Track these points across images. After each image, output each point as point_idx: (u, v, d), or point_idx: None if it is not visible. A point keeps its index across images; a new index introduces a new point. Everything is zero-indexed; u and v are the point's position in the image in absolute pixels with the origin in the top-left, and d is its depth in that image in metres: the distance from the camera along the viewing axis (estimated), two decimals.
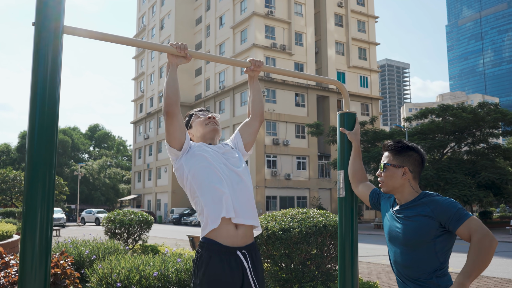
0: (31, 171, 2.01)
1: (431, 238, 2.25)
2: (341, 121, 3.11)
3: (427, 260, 2.27)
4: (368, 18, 52.82)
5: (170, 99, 2.42)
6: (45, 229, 2.02)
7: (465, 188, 28.31)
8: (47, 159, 2.03)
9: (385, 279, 9.45)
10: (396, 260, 2.39)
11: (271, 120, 43.71)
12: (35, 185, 2.00)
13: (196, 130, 2.60)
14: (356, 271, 3.07)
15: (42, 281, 1.99)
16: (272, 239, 5.89)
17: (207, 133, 2.58)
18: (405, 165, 2.41)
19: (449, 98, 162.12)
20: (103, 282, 5.41)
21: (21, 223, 7.90)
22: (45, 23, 2.08)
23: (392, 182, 2.42)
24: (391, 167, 2.42)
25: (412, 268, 2.30)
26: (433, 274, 2.26)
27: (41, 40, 2.08)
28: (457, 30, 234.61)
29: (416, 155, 2.44)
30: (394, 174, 2.41)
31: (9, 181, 46.42)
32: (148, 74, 63.03)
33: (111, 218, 12.39)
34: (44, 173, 2.02)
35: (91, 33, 2.26)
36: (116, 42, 2.35)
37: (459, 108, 32.38)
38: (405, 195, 2.41)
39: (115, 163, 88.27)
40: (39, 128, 2.04)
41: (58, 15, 2.11)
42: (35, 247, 1.98)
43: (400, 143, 2.46)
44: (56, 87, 2.10)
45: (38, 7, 2.09)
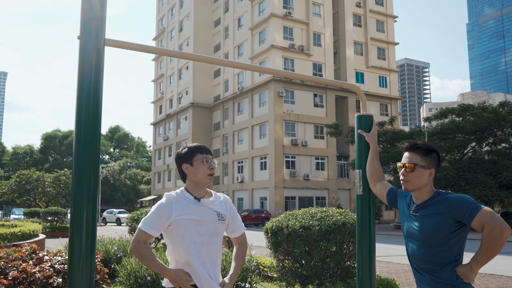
0: (78, 173, 2.19)
1: (446, 234, 2.43)
2: (359, 123, 3.27)
3: (443, 254, 2.44)
4: (387, 17, 52.55)
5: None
6: (91, 227, 2.19)
7: (486, 188, 28.04)
8: (91, 162, 2.22)
9: (404, 278, 9.54)
10: (414, 255, 2.56)
11: (290, 121, 43.82)
12: (81, 186, 2.18)
13: (195, 173, 2.64)
14: (374, 266, 3.22)
15: (88, 276, 2.17)
16: (292, 236, 6.08)
17: (204, 182, 2.66)
18: (432, 167, 2.57)
19: (470, 98, 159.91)
20: (132, 277, 5.67)
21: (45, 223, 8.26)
22: (89, 37, 2.29)
23: (418, 182, 2.55)
24: (421, 168, 2.55)
25: (428, 261, 2.48)
26: (449, 265, 2.43)
27: (85, 53, 2.29)
28: (478, 28, 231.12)
29: (437, 157, 2.60)
30: (422, 175, 2.54)
31: (32, 182, 47.40)
32: (168, 76, 63.69)
33: (135, 217, 12.68)
34: (89, 175, 2.20)
35: (131, 45, 2.46)
36: (156, 53, 2.56)
37: (480, 108, 32.03)
38: (424, 194, 2.56)
39: (135, 164, 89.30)
40: (85, 133, 2.23)
41: (100, 30, 2.32)
42: (82, 244, 2.16)
43: (427, 145, 2.60)
44: (99, 95, 2.30)
45: (82, 23, 2.31)
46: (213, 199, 2.68)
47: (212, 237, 2.59)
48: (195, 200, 2.61)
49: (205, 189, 2.68)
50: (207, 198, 2.66)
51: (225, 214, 2.69)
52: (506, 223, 2.32)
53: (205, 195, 2.67)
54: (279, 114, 43.10)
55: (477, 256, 2.34)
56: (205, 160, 2.64)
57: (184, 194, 2.62)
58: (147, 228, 2.49)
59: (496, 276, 10.06)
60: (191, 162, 2.64)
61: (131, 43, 2.45)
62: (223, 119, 52.58)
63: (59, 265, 5.40)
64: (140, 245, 2.47)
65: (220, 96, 53.95)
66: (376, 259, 13.38)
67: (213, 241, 2.59)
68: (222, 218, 2.65)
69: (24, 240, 14.16)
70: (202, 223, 2.56)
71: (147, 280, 5.56)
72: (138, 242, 2.48)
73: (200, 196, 2.63)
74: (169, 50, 2.62)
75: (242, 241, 2.85)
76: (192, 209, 2.57)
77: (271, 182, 42.34)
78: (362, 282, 3.20)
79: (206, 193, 2.68)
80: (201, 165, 2.62)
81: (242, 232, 2.85)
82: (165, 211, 2.53)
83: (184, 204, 2.57)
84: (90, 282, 2.19)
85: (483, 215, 2.33)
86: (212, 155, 2.70)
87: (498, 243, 2.29)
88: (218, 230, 2.63)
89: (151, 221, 2.52)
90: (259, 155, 44.58)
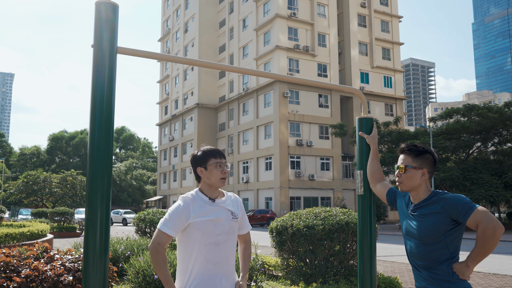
0: (92, 175, 2.30)
1: (443, 233, 2.54)
2: (360, 125, 3.39)
3: (440, 251, 2.55)
4: (392, 18, 52.53)
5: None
6: (105, 226, 2.31)
7: (492, 188, 28.01)
8: (105, 165, 2.33)
9: (408, 277, 9.64)
10: (412, 252, 2.68)
11: (295, 121, 43.91)
12: (95, 188, 2.30)
13: (209, 177, 2.74)
14: (374, 265, 3.33)
15: (102, 273, 2.27)
16: (297, 235, 6.21)
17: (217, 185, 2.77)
18: (424, 167, 2.67)
19: (476, 97, 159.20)
20: (140, 275, 5.81)
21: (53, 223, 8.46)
22: (102, 46, 2.41)
23: (411, 182, 2.67)
24: (412, 169, 2.67)
25: (426, 258, 2.59)
26: (445, 262, 2.54)
27: (98, 60, 2.42)
28: (484, 28, 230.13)
29: (431, 157, 2.70)
30: (414, 176, 2.66)
31: (40, 182, 47.69)
32: (173, 76, 63.93)
33: (141, 217, 12.83)
34: (103, 176, 2.32)
35: (142, 53, 2.59)
36: (167, 60, 2.71)
37: (485, 108, 31.99)
38: (420, 193, 2.67)
39: (141, 164, 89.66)
40: (98, 137, 2.34)
41: (113, 39, 2.45)
42: (96, 243, 2.27)
43: (418, 147, 2.71)
44: (112, 101, 2.42)
45: (96, 32, 2.43)
46: (226, 199, 2.79)
47: (227, 236, 2.69)
48: (210, 200, 2.71)
49: (218, 190, 2.79)
50: (220, 198, 2.76)
51: (237, 213, 2.80)
52: (499, 222, 2.41)
53: (218, 195, 2.77)
54: (284, 115, 43.20)
55: (473, 254, 2.44)
56: (218, 165, 2.73)
57: (199, 195, 2.72)
58: (168, 230, 2.58)
59: (500, 275, 10.13)
60: (205, 166, 2.74)
61: (143, 51, 2.58)
62: (228, 119, 52.74)
63: (69, 264, 5.54)
64: (160, 247, 2.55)
65: (225, 96, 54.11)
66: (381, 258, 13.48)
67: (228, 239, 2.69)
68: (235, 216, 2.76)
69: (32, 240, 14.35)
70: (218, 223, 2.66)
71: (155, 279, 5.70)
72: (158, 244, 2.56)
73: (214, 197, 2.74)
74: (181, 58, 2.75)
75: (248, 239, 2.97)
76: (208, 210, 2.67)
77: (276, 183, 42.43)
78: (363, 280, 3.32)
79: (219, 194, 2.78)
80: (214, 169, 2.72)
81: (248, 230, 2.96)
82: (183, 212, 2.62)
83: (200, 205, 2.67)
84: (104, 279, 2.29)
85: (477, 214, 2.42)
86: (226, 158, 2.80)
87: (492, 242, 2.39)
88: (232, 229, 2.73)
89: (171, 223, 2.60)
90: (264, 156, 44.69)
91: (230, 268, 2.72)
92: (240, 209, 2.86)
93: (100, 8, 2.43)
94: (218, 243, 2.65)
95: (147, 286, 5.77)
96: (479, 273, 10.40)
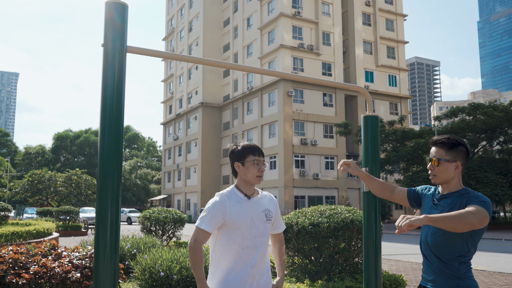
0: (102, 174, 2.33)
1: None
2: (365, 123, 3.41)
3: (455, 245, 2.51)
4: (397, 16, 52.42)
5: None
6: (115, 225, 2.34)
7: (497, 187, 27.94)
8: (115, 163, 2.36)
9: (413, 276, 9.66)
10: (427, 239, 2.63)
11: (299, 120, 43.92)
12: (105, 186, 2.32)
13: (245, 173, 2.75)
14: (379, 262, 3.37)
15: (113, 271, 2.30)
16: (302, 233, 6.24)
17: (253, 182, 2.78)
18: (457, 160, 2.63)
19: (481, 96, 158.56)
20: (146, 272, 5.87)
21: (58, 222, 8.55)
22: (112, 45, 2.45)
23: (445, 175, 2.63)
24: (445, 162, 2.62)
25: (439, 248, 2.55)
26: (457, 259, 2.51)
27: (108, 59, 2.45)
28: (489, 26, 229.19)
29: (464, 149, 2.66)
30: (448, 168, 2.62)
31: (45, 181, 47.93)
32: (177, 76, 64.03)
33: (147, 216, 12.91)
34: (113, 175, 2.35)
35: (151, 52, 2.63)
36: (176, 59, 2.75)
37: (490, 107, 31.90)
38: (451, 186, 2.64)
39: (146, 163, 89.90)
40: (108, 136, 2.37)
41: (122, 38, 2.49)
42: (107, 241, 2.30)
43: (451, 139, 2.67)
44: (121, 100, 2.45)
45: (105, 31, 2.47)
46: (261, 197, 2.80)
47: (262, 238, 2.70)
48: (246, 197, 2.72)
49: (253, 188, 2.79)
50: (256, 196, 2.77)
51: (273, 212, 2.80)
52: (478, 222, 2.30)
53: (254, 193, 2.78)
54: (289, 114, 43.22)
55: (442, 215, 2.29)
56: (256, 162, 2.73)
57: (235, 192, 2.74)
58: (206, 226, 2.59)
59: (505, 274, 10.14)
60: (243, 162, 2.74)
61: (152, 50, 2.61)
62: (232, 118, 52.80)
63: (77, 261, 5.60)
64: (198, 245, 2.57)
65: (230, 95, 54.18)
66: (385, 257, 13.49)
67: (263, 241, 2.71)
68: (269, 218, 2.76)
69: (38, 238, 14.46)
70: (253, 226, 2.67)
71: (161, 276, 5.75)
72: (195, 241, 2.58)
73: (249, 194, 2.75)
74: (189, 57, 2.78)
75: (281, 239, 2.98)
76: (244, 207, 2.68)
77: (280, 182, 42.48)
78: (369, 277, 3.35)
79: (255, 191, 2.79)
80: (251, 166, 2.72)
81: (283, 229, 2.97)
82: (220, 208, 2.63)
83: (236, 201, 2.69)
84: (114, 277, 2.31)
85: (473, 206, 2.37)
86: (264, 156, 2.80)
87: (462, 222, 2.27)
88: (267, 230, 2.75)
89: (208, 219, 2.61)
90: (269, 155, 44.73)
91: (265, 267, 2.74)
92: (275, 207, 2.86)
93: (110, 8, 2.46)
94: (256, 246, 2.67)
95: (153, 283, 5.82)
96: (484, 272, 10.41)
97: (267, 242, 2.75)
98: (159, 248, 7.16)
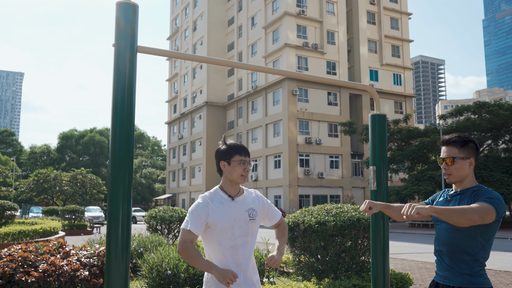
0: (114, 173, 2.37)
1: None
2: (373, 122, 3.43)
3: (467, 240, 2.52)
4: (401, 15, 52.28)
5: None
6: (126, 223, 2.37)
7: (503, 186, 27.82)
8: (126, 162, 2.39)
9: (418, 274, 9.66)
10: (439, 236, 2.65)
11: (304, 119, 43.90)
12: (117, 185, 2.36)
13: (231, 172, 2.77)
14: (387, 260, 3.38)
15: (124, 269, 2.34)
16: (308, 232, 6.26)
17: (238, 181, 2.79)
18: (471, 156, 2.66)
19: (487, 95, 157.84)
20: (154, 270, 5.90)
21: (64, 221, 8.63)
22: (123, 45, 2.48)
23: (460, 173, 2.65)
24: (460, 160, 2.64)
25: (452, 244, 2.57)
26: (469, 255, 2.52)
27: (119, 59, 2.48)
28: (495, 24, 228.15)
29: (475, 146, 2.69)
30: (463, 166, 2.64)
31: (50, 180, 48.13)
32: (182, 75, 64.12)
33: (153, 215, 12.95)
34: (124, 174, 2.38)
35: (161, 51, 2.66)
36: (185, 59, 2.78)
37: (496, 105, 31.77)
38: (465, 183, 2.66)
39: (150, 163, 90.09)
40: (120, 135, 2.40)
41: (133, 38, 2.52)
42: (118, 239, 2.33)
43: (462, 137, 2.69)
44: (132, 98, 2.48)
45: (116, 32, 2.50)
46: (246, 196, 2.82)
47: (246, 238, 2.72)
48: (229, 198, 2.74)
49: (238, 187, 2.81)
50: (240, 195, 2.79)
51: (257, 210, 2.81)
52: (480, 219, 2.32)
53: (239, 192, 2.80)
54: (293, 113, 43.20)
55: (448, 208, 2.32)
56: (242, 162, 2.75)
57: (219, 193, 2.76)
58: (191, 227, 2.61)
59: (511, 273, 10.12)
60: (229, 161, 2.76)
61: (162, 49, 2.65)
62: (237, 117, 52.84)
63: (85, 259, 5.64)
64: (187, 244, 2.58)
65: (234, 95, 54.20)
66: (391, 256, 13.49)
67: (247, 241, 2.73)
68: (253, 217, 2.77)
69: (45, 237, 14.55)
70: (236, 225, 2.69)
71: (168, 274, 5.78)
72: (184, 242, 2.59)
73: (233, 194, 2.77)
74: (198, 56, 2.81)
75: (281, 223, 2.99)
76: (227, 209, 2.70)
77: (285, 181, 42.48)
78: (377, 275, 3.36)
79: (239, 190, 2.81)
80: (237, 166, 2.75)
81: (280, 217, 2.98)
82: (203, 209, 2.65)
83: (219, 202, 2.71)
84: (125, 274, 2.35)
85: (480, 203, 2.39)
86: (249, 156, 2.81)
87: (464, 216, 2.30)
88: (251, 230, 2.76)
89: (192, 221, 2.63)
90: (273, 154, 44.73)
91: (251, 269, 2.76)
92: (262, 204, 2.87)
93: (121, 8, 2.50)
94: (239, 246, 2.69)
95: (160, 281, 5.85)
96: (490, 271, 10.39)
97: (251, 241, 2.76)
98: (166, 246, 7.19)
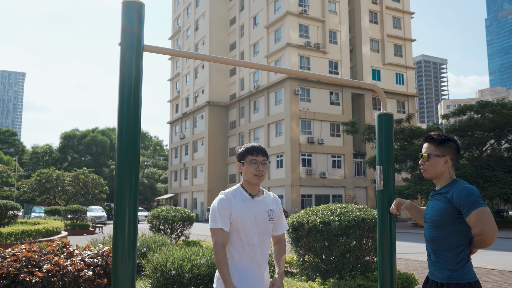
0: (120, 172, 2.34)
1: (451, 220, 2.60)
2: (379, 121, 3.40)
3: (447, 238, 2.62)
4: (404, 14, 52.20)
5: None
6: (133, 223, 2.35)
7: (506, 186, 27.78)
8: (132, 162, 2.36)
9: (423, 274, 9.63)
10: (425, 235, 2.77)
11: (306, 119, 43.86)
12: (123, 185, 2.34)
13: (245, 172, 2.84)
14: (394, 260, 3.35)
15: (131, 268, 2.31)
16: (313, 231, 6.24)
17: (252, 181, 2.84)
18: (446, 155, 2.74)
19: (489, 94, 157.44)
20: (158, 271, 5.88)
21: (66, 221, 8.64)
22: (129, 44, 2.46)
23: (434, 170, 2.75)
24: (434, 156, 2.75)
25: (434, 242, 2.67)
26: (452, 250, 2.60)
27: (126, 58, 2.46)
28: (497, 24, 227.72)
29: (454, 145, 2.77)
30: (437, 163, 2.74)
31: (52, 180, 48.22)
32: (184, 74, 64.12)
33: (156, 214, 12.93)
34: (131, 173, 2.35)
35: (167, 50, 2.64)
36: (191, 58, 2.75)
37: (499, 105, 31.71)
38: (442, 181, 2.75)
39: (152, 162, 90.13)
40: (126, 134, 2.37)
41: (139, 37, 2.49)
42: (125, 239, 2.31)
43: (440, 135, 2.78)
44: (139, 98, 2.45)
45: (122, 31, 2.48)
46: (265, 197, 2.88)
47: (265, 237, 2.80)
48: (250, 196, 2.80)
49: (258, 187, 2.87)
50: (260, 196, 2.85)
51: (275, 213, 2.87)
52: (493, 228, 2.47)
53: (259, 193, 2.85)
54: (295, 112, 43.16)
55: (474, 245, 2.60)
56: (253, 161, 2.81)
57: (240, 191, 2.83)
58: (220, 224, 2.67)
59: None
60: (243, 161, 2.85)
61: (168, 48, 2.63)
62: (239, 117, 52.82)
63: (89, 259, 5.63)
64: (218, 246, 2.65)
65: (236, 94, 54.19)
66: None
67: (265, 240, 2.81)
68: (272, 218, 2.84)
69: (47, 236, 14.55)
70: (256, 225, 2.75)
71: (172, 274, 5.76)
72: (215, 244, 2.67)
73: (254, 194, 2.82)
74: (204, 55, 2.78)
75: (282, 239, 3.03)
76: (248, 206, 2.76)
77: (287, 180, 42.45)
78: (384, 275, 3.33)
79: (259, 191, 2.87)
80: (249, 166, 2.81)
81: (285, 230, 3.02)
82: (227, 206, 2.72)
83: (241, 199, 2.78)
84: (132, 274, 2.32)
85: (472, 218, 2.50)
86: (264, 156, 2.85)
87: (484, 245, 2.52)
88: (268, 230, 2.83)
89: (220, 218, 2.69)
90: (275, 153, 44.71)
91: (266, 265, 2.84)
92: (278, 208, 2.93)
93: (127, 7, 2.47)
94: (259, 244, 2.75)
95: (165, 281, 5.83)
96: (494, 271, 10.36)
97: (268, 241, 2.84)
98: (170, 246, 7.18)
